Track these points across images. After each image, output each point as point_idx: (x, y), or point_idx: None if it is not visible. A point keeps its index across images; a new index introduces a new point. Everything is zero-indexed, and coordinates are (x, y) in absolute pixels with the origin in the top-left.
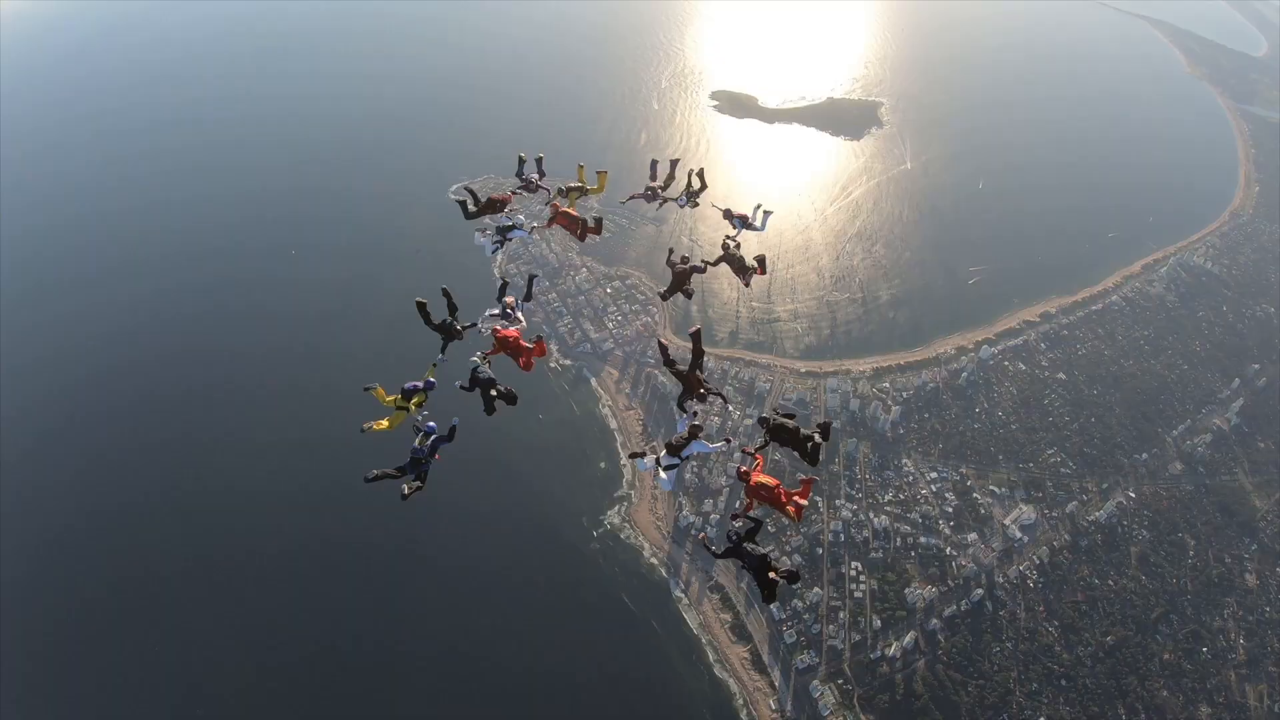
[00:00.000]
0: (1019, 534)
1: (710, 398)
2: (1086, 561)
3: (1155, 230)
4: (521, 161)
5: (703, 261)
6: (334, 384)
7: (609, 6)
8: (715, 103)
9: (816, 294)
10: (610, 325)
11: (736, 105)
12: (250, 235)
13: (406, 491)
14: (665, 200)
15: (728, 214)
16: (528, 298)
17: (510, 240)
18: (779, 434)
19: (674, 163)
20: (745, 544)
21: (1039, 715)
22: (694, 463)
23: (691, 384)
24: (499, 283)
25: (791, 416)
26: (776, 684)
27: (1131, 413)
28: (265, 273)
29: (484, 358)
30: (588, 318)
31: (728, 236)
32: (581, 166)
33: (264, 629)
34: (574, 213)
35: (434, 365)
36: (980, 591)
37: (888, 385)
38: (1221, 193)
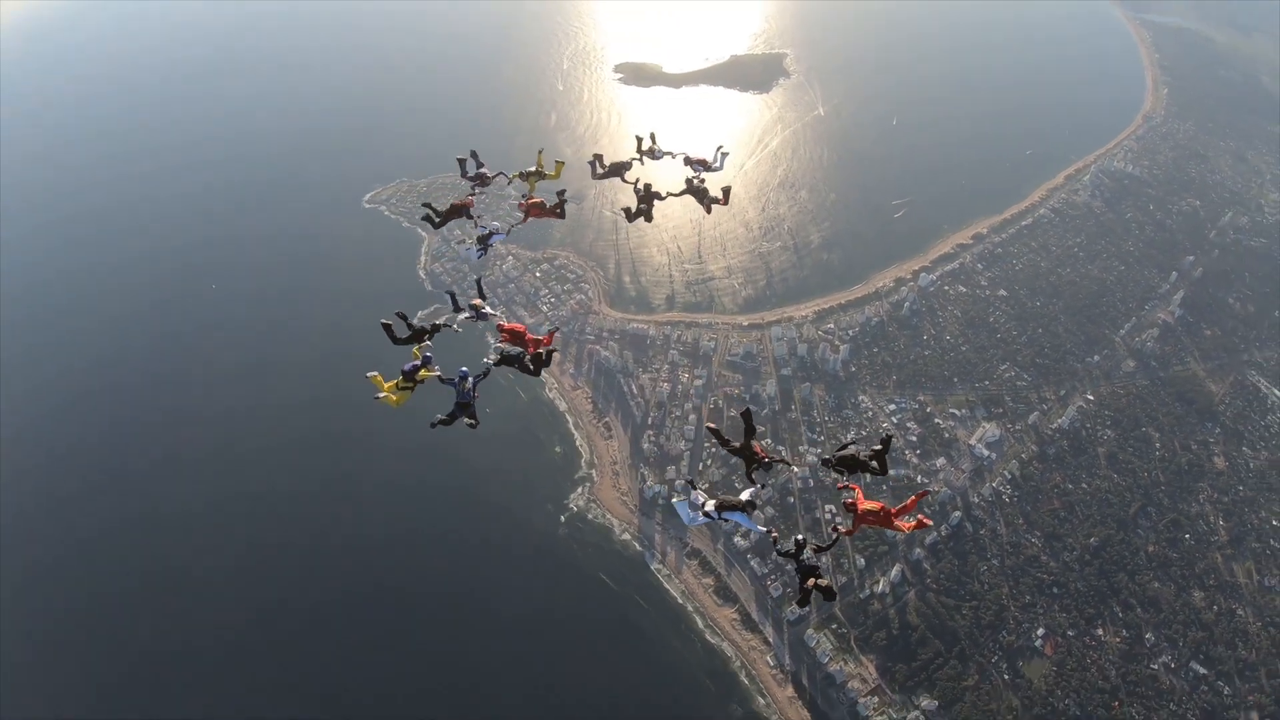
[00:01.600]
0: (986, 452)
1: (777, 465)
2: (1057, 469)
3: (1073, 142)
4: (461, 163)
5: (666, 192)
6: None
7: (482, 4)
8: (620, 75)
9: (747, 247)
10: (544, 308)
11: (641, 75)
12: (164, 275)
13: (473, 423)
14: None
15: (688, 160)
16: (482, 295)
17: (492, 245)
18: (846, 464)
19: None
20: (805, 551)
21: (1037, 626)
22: (652, 432)
23: (752, 457)
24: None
25: (848, 445)
26: (770, 640)
27: (1077, 318)
28: (187, 312)
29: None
30: (520, 304)
31: (689, 176)
32: (541, 152)
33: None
34: (541, 200)
35: (417, 350)
36: (958, 514)
37: (832, 326)
38: (1132, 99)
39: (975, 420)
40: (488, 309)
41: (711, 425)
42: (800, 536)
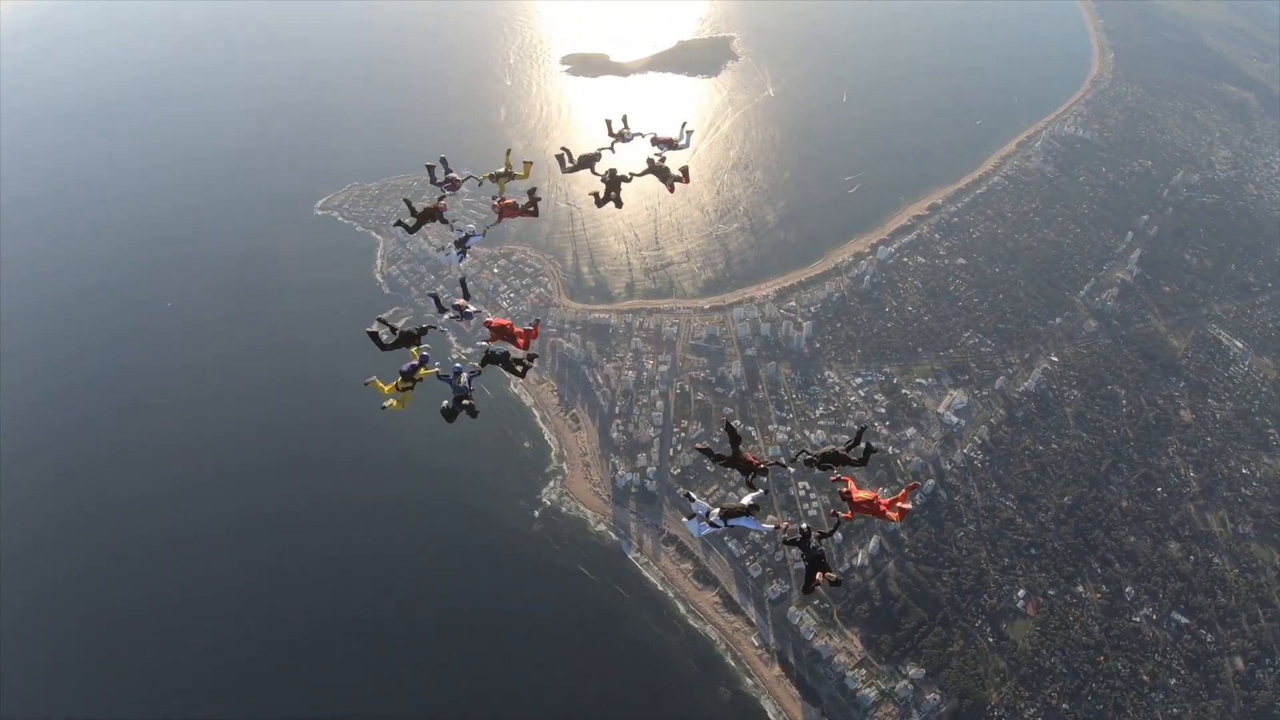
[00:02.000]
0: (955, 419)
1: (772, 469)
2: (1026, 431)
3: (1023, 110)
4: (430, 169)
5: (630, 174)
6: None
7: (425, 5)
8: (567, 67)
9: (704, 230)
10: (504, 304)
11: (589, 66)
12: (120, 301)
13: (473, 414)
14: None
15: (656, 139)
16: (466, 295)
17: (469, 247)
18: (829, 460)
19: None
20: (813, 539)
21: (1017, 588)
22: (620, 421)
23: (745, 465)
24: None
25: (826, 445)
26: (754, 620)
27: (1036, 282)
28: (145, 338)
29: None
30: (479, 301)
31: (650, 156)
32: (509, 152)
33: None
34: (514, 201)
35: (415, 350)
36: (931, 482)
37: (794, 304)
38: (1079, 65)
39: (942, 388)
40: (471, 307)
41: (700, 446)
42: (805, 525)
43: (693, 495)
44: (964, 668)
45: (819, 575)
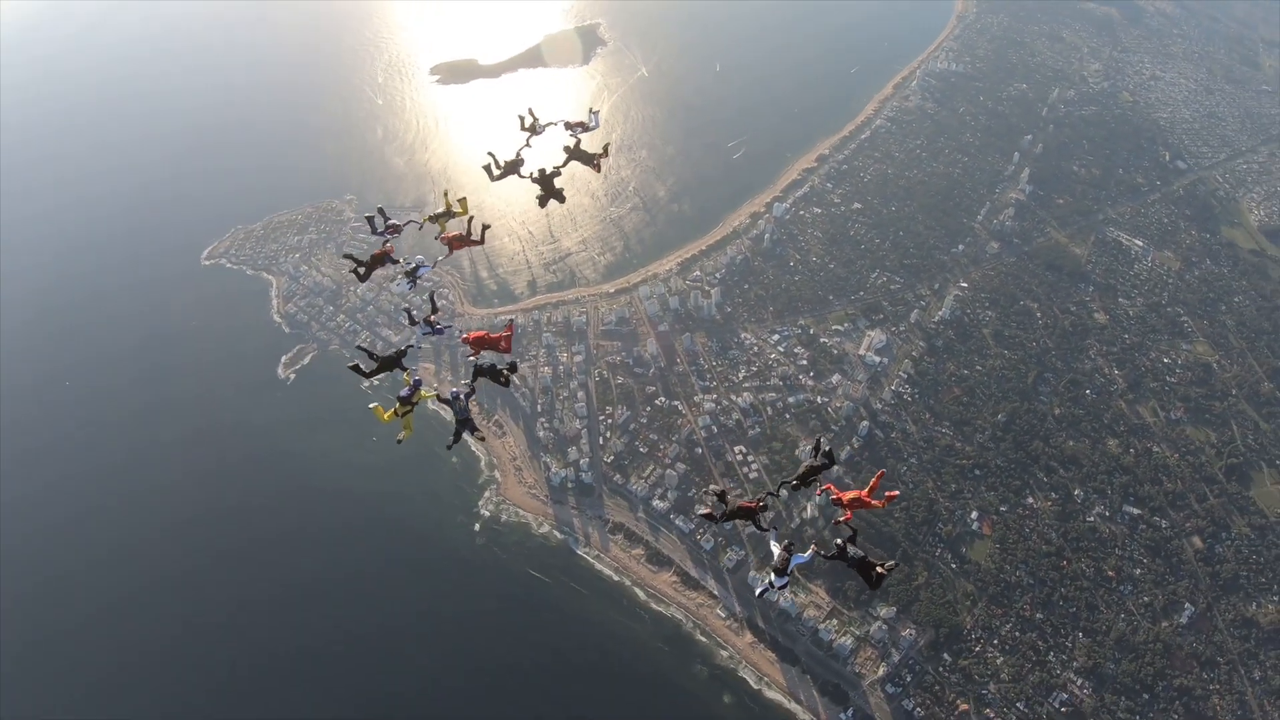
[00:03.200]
0: (877, 359)
1: (768, 502)
2: (949, 358)
3: (894, 53)
4: (370, 220)
5: (555, 167)
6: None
7: (286, 31)
8: (437, 77)
9: (598, 216)
10: (409, 323)
11: (459, 72)
12: (6, 378)
13: (480, 435)
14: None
15: (568, 125)
16: (435, 309)
17: (420, 278)
18: (809, 476)
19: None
20: (849, 548)
21: (969, 511)
22: (543, 419)
23: (747, 512)
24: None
25: (800, 471)
26: (716, 592)
27: (933, 214)
28: (45, 420)
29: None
30: (384, 324)
31: (566, 144)
32: (446, 192)
33: None
34: (460, 233)
35: (407, 376)
36: (865, 424)
37: (698, 273)
38: (943, 5)
39: (859, 331)
40: (442, 324)
41: (702, 513)
42: (838, 541)
43: (762, 578)
44: (933, 598)
45: (877, 571)
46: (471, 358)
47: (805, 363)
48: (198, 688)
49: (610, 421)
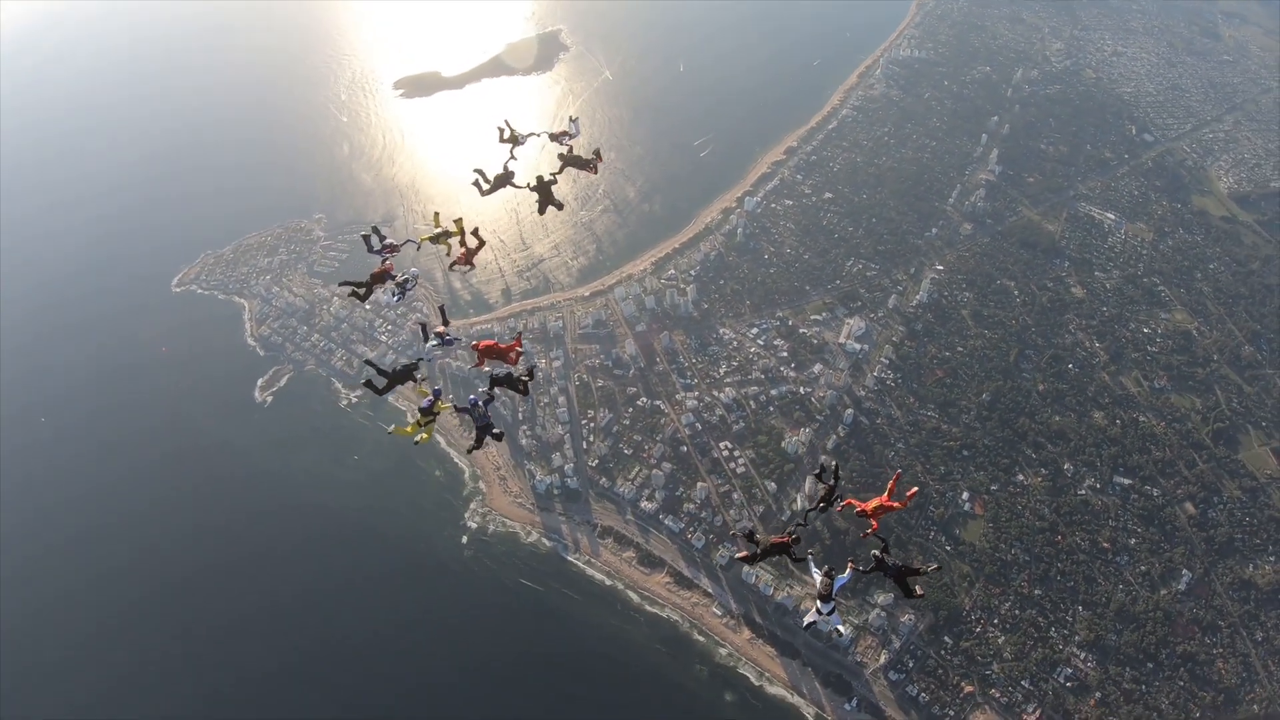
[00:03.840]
0: (858, 346)
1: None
2: (929, 341)
3: (856, 43)
4: (366, 239)
5: (552, 174)
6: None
7: (245, 54)
8: (401, 91)
9: (569, 220)
10: (384, 338)
11: (422, 85)
12: None
13: (499, 435)
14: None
15: (552, 136)
16: (445, 321)
17: (410, 290)
18: (828, 500)
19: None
20: (886, 559)
21: (960, 492)
22: (525, 426)
23: (781, 548)
24: (422, 325)
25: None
26: (710, 590)
27: (905, 199)
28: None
29: (478, 365)
30: (359, 341)
31: (560, 152)
32: (437, 214)
33: None
34: (466, 249)
35: (419, 385)
36: (850, 411)
37: (673, 271)
38: None
39: (838, 320)
40: (451, 335)
41: (740, 557)
42: (875, 553)
43: (813, 612)
44: (931, 581)
45: (914, 579)
46: (476, 366)
47: (786, 354)
48: (186, 706)
49: (593, 425)
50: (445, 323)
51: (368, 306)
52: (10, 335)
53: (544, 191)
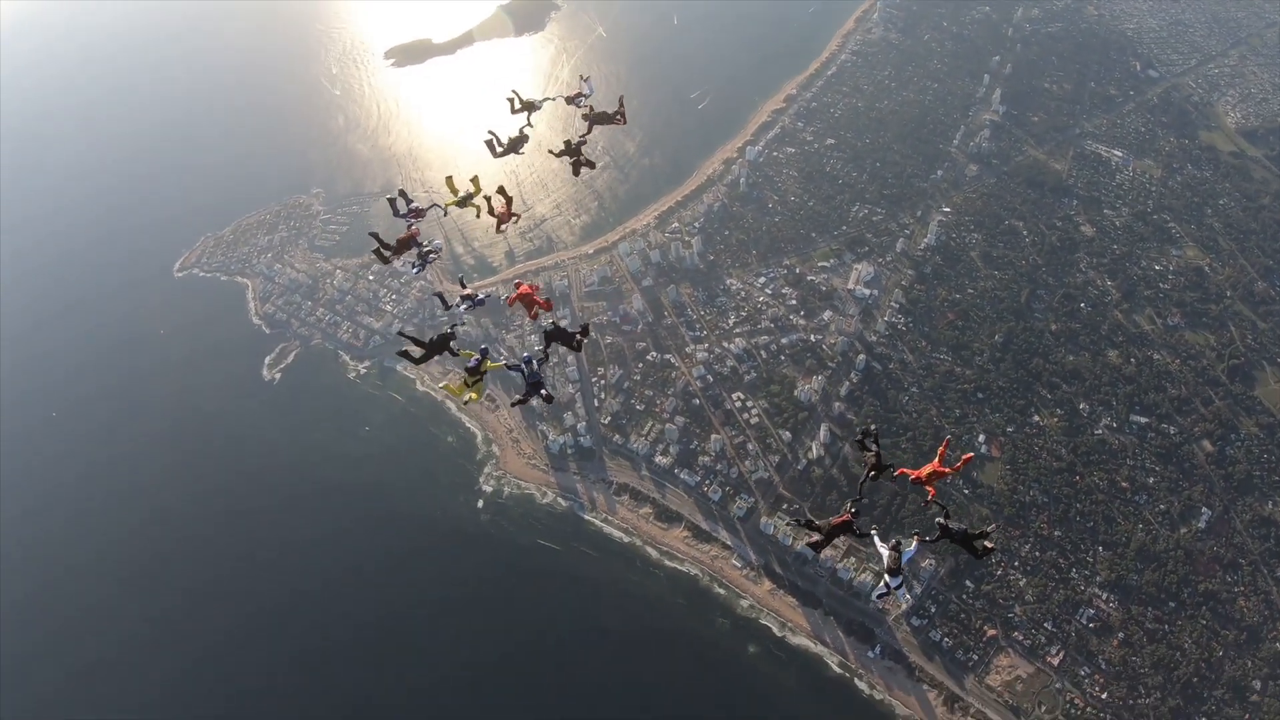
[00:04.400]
0: (867, 291)
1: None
2: (939, 284)
3: None
4: (392, 203)
5: (581, 136)
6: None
7: (234, 37)
8: (393, 60)
9: (568, 177)
10: (389, 307)
11: (414, 53)
12: None
13: (549, 398)
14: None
15: (568, 99)
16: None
17: (431, 261)
18: (877, 472)
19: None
20: (950, 525)
21: (976, 434)
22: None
23: (844, 528)
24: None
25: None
26: (729, 542)
27: (909, 142)
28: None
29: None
30: (364, 312)
31: (584, 114)
32: (450, 178)
33: None
34: (504, 209)
35: (457, 354)
36: (862, 358)
37: (676, 224)
38: None
39: (846, 266)
40: (480, 294)
41: (809, 543)
42: (940, 521)
43: (881, 585)
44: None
45: (980, 545)
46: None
47: (795, 302)
48: (200, 680)
49: (603, 382)
50: (463, 285)
51: (371, 277)
52: (17, 334)
53: (575, 154)
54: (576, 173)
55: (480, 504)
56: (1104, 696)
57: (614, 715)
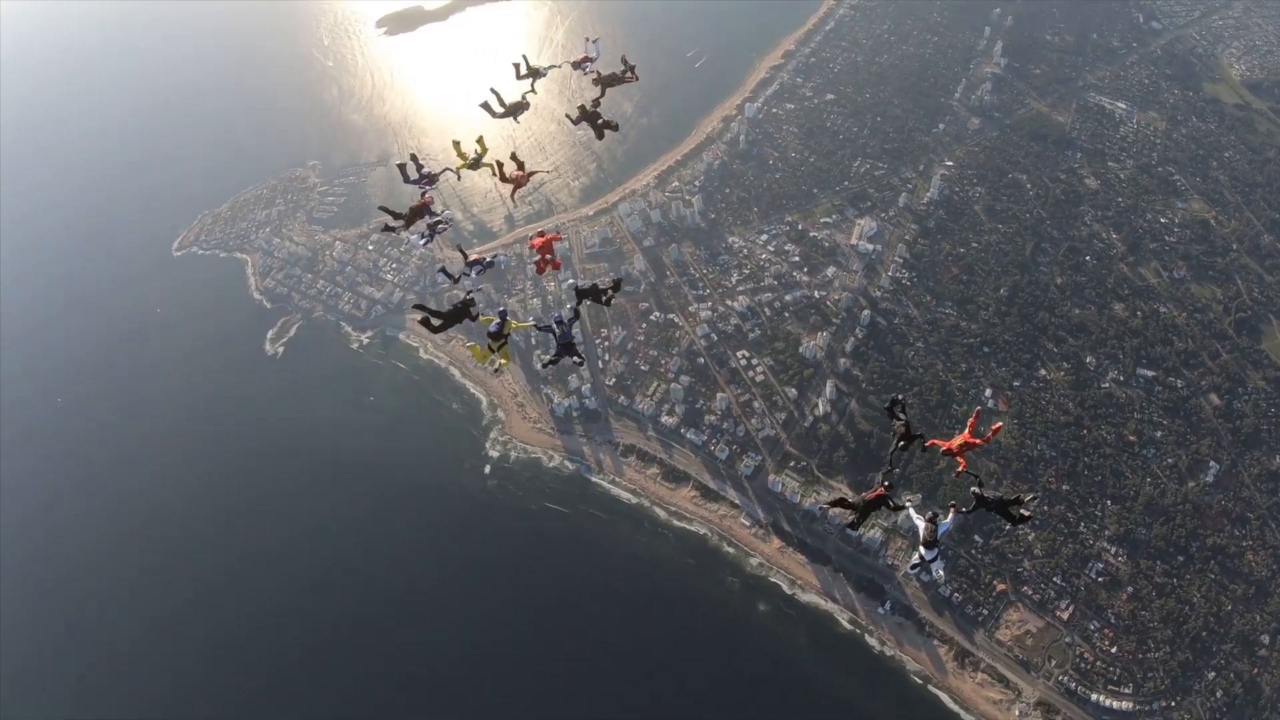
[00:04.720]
0: (870, 246)
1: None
2: (943, 238)
3: None
4: (402, 168)
5: (595, 100)
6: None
7: (223, 18)
8: (384, 29)
9: (566, 140)
10: (389, 276)
11: (406, 21)
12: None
13: (580, 360)
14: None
15: (575, 64)
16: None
17: (440, 233)
18: (907, 441)
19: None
20: (986, 494)
21: (983, 389)
22: (539, 350)
23: (879, 502)
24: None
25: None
26: (737, 501)
27: (909, 95)
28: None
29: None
30: (364, 283)
31: (593, 76)
32: (457, 142)
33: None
34: (519, 173)
35: (476, 319)
36: (867, 313)
37: (676, 183)
38: None
39: (849, 221)
40: (487, 258)
41: (846, 523)
42: (975, 490)
43: (916, 557)
44: (957, 481)
45: (1022, 513)
46: (570, 281)
47: (798, 259)
48: (214, 654)
49: (607, 344)
50: (464, 254)
51: (370, 247)
52: (18, 315)
53: (593, 119)
54: (600, 136)
55: (487, 469)
56: (1113, 650)
57: (626, 675)
